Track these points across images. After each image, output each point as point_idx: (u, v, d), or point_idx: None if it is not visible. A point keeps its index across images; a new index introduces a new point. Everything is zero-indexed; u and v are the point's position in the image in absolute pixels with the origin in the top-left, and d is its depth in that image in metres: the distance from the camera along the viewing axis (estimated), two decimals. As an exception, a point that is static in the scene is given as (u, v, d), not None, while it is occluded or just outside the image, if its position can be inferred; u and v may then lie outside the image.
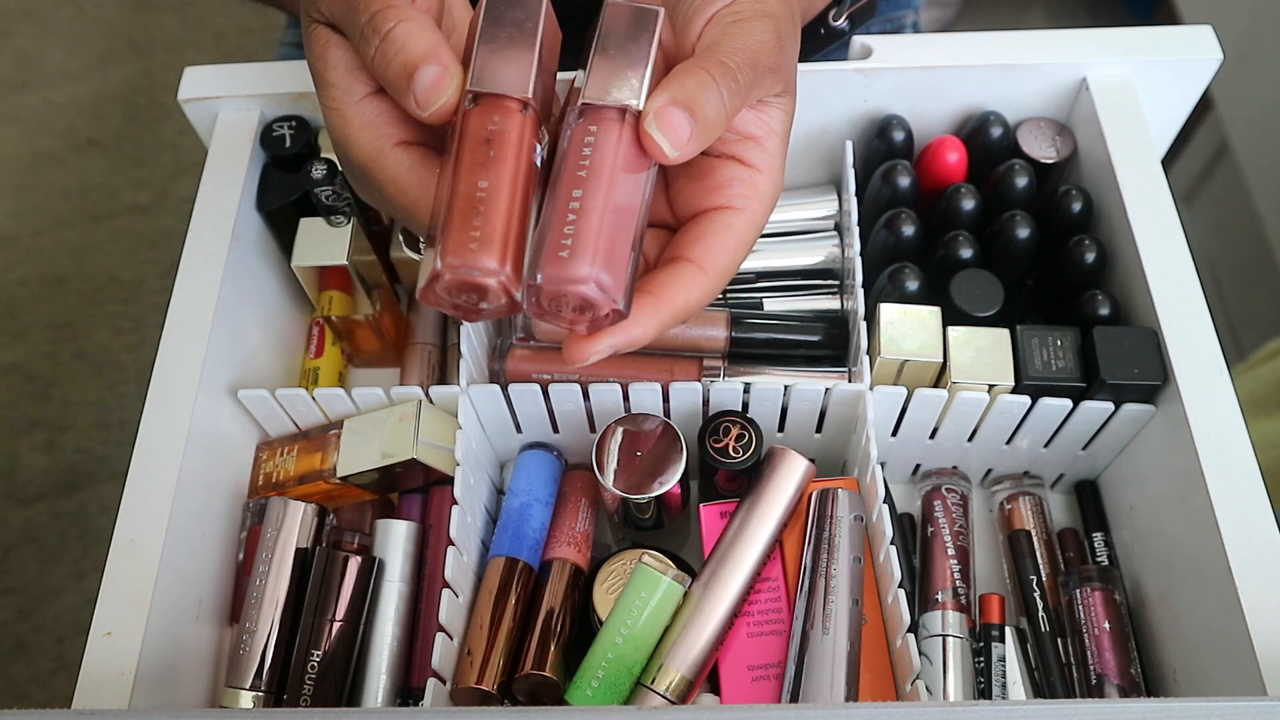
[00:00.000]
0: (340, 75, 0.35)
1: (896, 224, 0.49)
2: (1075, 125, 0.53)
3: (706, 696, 0.43)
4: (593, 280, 0.31)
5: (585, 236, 0.31)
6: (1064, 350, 0.46)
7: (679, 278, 0.34)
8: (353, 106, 0.35)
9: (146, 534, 0.43)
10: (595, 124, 0.32)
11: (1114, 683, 0.44)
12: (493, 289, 0.31)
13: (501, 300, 0.32)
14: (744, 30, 0.34)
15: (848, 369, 0.50)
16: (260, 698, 0.43)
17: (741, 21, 0.34)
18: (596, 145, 0.32)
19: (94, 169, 1.49)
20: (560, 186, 0.32)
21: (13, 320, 1.36)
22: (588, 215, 0.31)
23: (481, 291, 0.32)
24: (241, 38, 1.62)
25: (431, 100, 0.32)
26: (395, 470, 0.47)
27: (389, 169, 0.34)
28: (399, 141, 0.35)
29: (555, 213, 0.32)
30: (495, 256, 0.31)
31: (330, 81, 0.35)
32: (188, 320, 0.47)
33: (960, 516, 0.49)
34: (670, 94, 0.32)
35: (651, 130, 0.32)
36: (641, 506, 0.45)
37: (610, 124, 0.32)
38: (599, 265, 0.31)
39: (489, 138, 0.32)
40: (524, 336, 0.52)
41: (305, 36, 0.36)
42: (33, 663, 1.14)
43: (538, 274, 0.31)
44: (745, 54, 0.34)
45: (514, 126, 0.33)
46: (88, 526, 1.22)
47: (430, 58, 0.32)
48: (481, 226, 0.31)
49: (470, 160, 0.32)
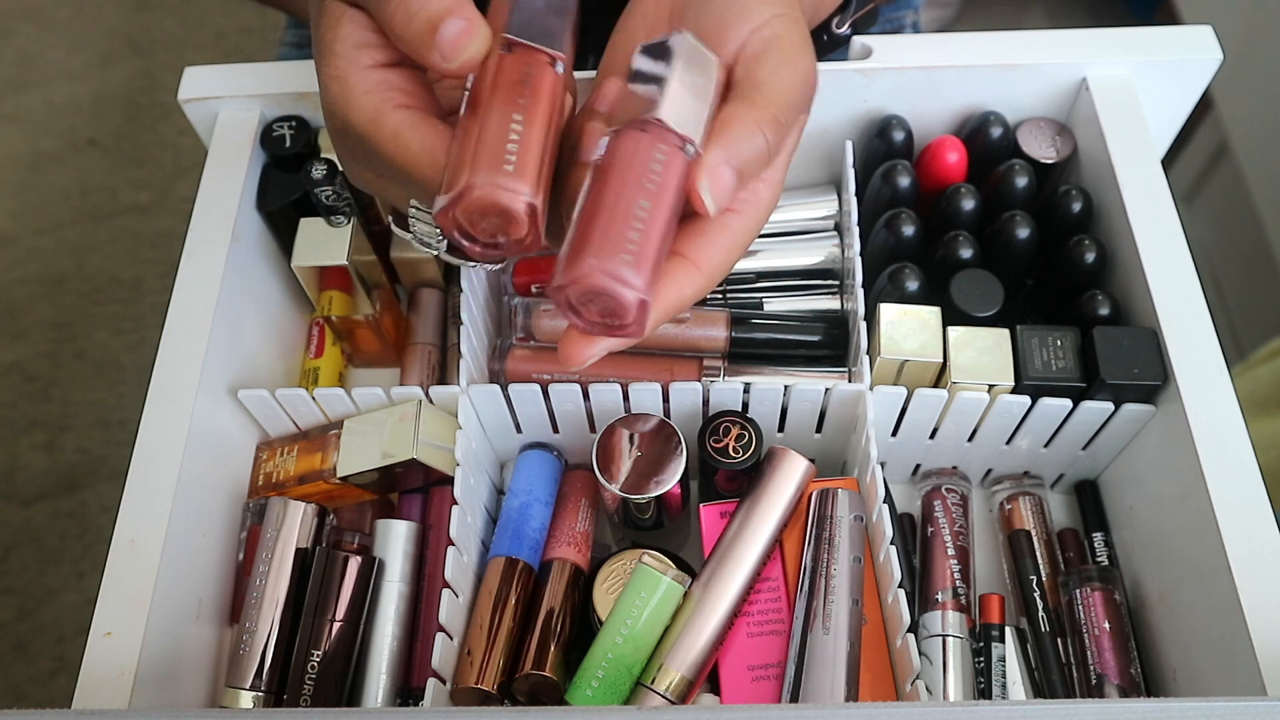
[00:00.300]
0: (347, 48, 0.35)
1: (896, 224, 0.49)
2: (1075, 125, 0.53)
3: (706, 696, 0.43)
4: (643, 294, 0.30)
5: (648, 249, 0.31)
6: (1064, 350, 0.46)
7: (673, 274, 0.34)
8: (356, 74, 0.35)
9: (146, 534, 0.43)
10: (666, 145, 0.32)
11: (1114, 683, 0.44)
12: (519, 215, 0.31)
13: (523, 231, 0.31)
14: (791, 66, 0.34)
15: (848, 369, 0.50)
16: (260, 698, 0.43)
17: (789, 54, 0.34)
18: (666, 166, 0.32)
19: (94, 169, 1.49)
20: (625, 190, 0.31)
21: (13, 320, 1.36)
22: (652, 229, 0.31)
23: (506, 217, 0.31)
24: (241, 38, 1.62)
25: (459, 51, 0.32)
26: (395, 470, 0.47)
27: (390, 126, 0.34)
28: (401, 104, 0.35)
29: (619, 212, 0.31)
30: (529, 182, 0.30)
31: (336, 51, 0.35)
32: (188, 320, 0.47)
33: (960, 516, 0.49)
34: (725, 155, 0.32)
35: (703, 189, 0.32)
36: (641, 506, 0.45)
37: (675, 151, 0.32)
38: (648, 280, 0.31)
39: (524, 80, 0.32)
40: (524, 336, 0.52)
41: (315, 10, 0.36)
42: (33, 663, 1.14)
43: (590, 262, 0.30)
44: (792, 95, 0.34)
45: (547, 77, 0.33)
46: (88, 526, 1.22)
47: (455, 10, 0.32)
48: (518, 151, 0.31)
49: (505, 99, 0.32)
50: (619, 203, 0.31)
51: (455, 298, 0.57)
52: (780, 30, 0.35)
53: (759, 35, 0.35)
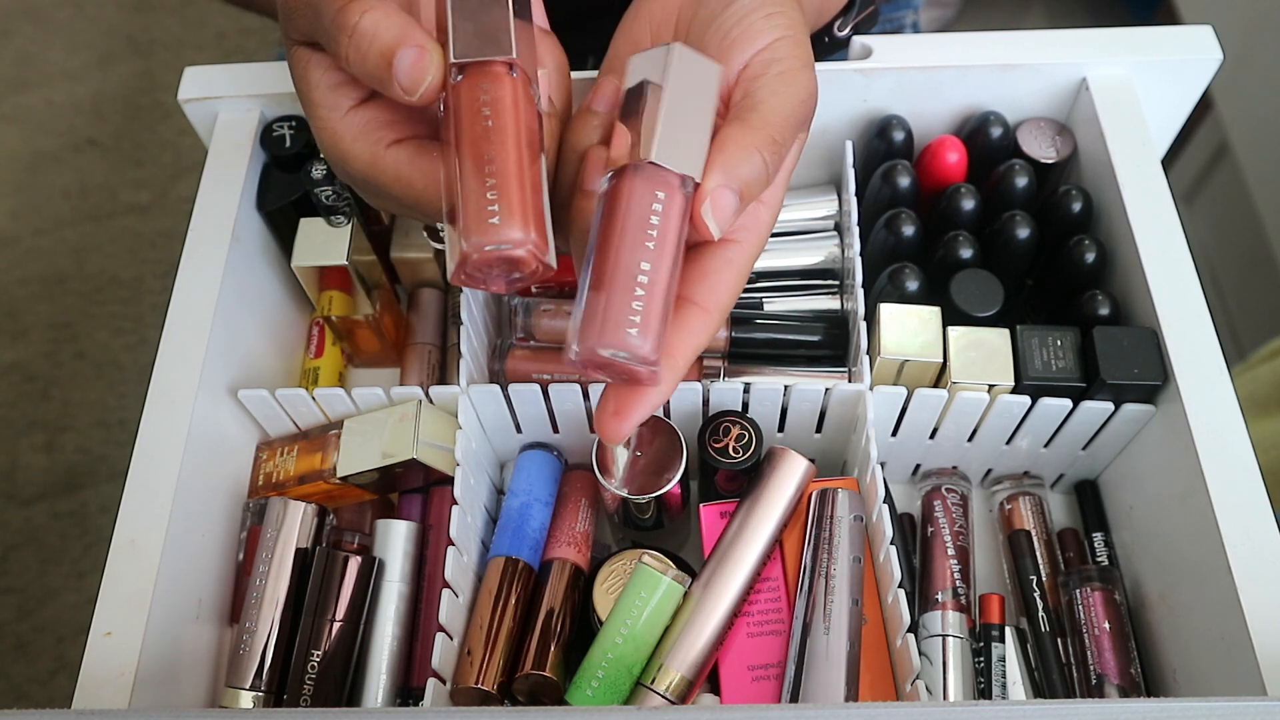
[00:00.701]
0: (323, 94, 0.35)
1: (896, 224, 0.49)
2: (1075, 125, 0.53)
3: (706, 696, 0.43)
4: (655, 359, 0.31)
5: (652, 314, 0.31)
6: (1064, 350, 0.46)
7: (687, 327, 0.34)
8: (340, 122, 0.35)
9: (146, 534, 0.42)
10: (664, 191, 0.32)
11: (1114, 683, 0.44)
12: (523, 259, 0.31)
13: (533, 267, 0.31)
14: (789, 86, 0.34)
15: (848, 369, 0.50)
16: (260, 698, 0.43)
17: (787, 75, 0.34)
18: (664, 215, 0.31)
19: (94, 169, 1.49)
20: (622, 249, 0.31)
21: (13, 320, 1.36)
22: (655, 289, 0.31)
23: (512, 264, 0.31)
24: (241, 38, 1.62)
25: (416, 82, 0.32)
26: (395, 470, 0.47)
27: (389, 169, 0.34)
28: (391, 142, 0.35)
29: (618, 280, 0.31)
30: (518, 226, 0.31)
31: (315, 101, 0.35)
32: (188, 320, 0.47)
33: (960, 516, 0.49)
34: (725, 178, 0.32)
35: (706, 216, 0.32)
36: (641, 506, 0.45)
37: (675, 192, 0.32)
38: (657, 342, 0.31)
39: (483, 106, 0.32)
40: (524, 336, 0.52)
41: (288, 60, 0.36)
42: (33, 663, 1.14)
43: (599, 342, 0.30)
44: (789, 115, 0.34)
45: (506, 90, 0.32)
46: (88, 526, 1.22)
47: (405, 40, 0.32)
48: (498, 199, 0.31)
49: (470, 134, 0.32)
50: (619, 265, 0.31)
51: (455, 298, 0.57)
52: (783, 53, 0.34)
53: (761, 58, 0.34)
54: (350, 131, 0.35)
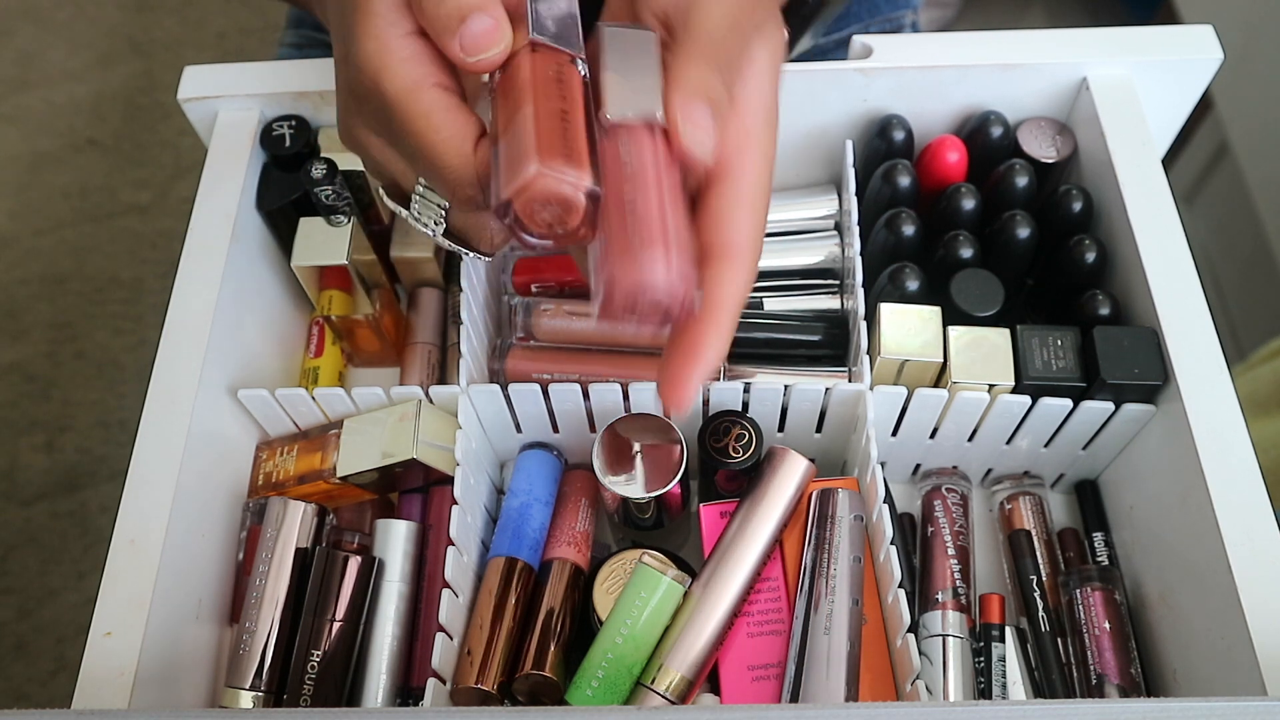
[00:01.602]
0: (388, 7, 0.33)
1: (896, 224, 0.49)
2: (1075, 125, 0.53)
3: (706, 696, 0.43)
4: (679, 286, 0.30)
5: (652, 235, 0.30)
6: (1064, 350, 0.46)
7: (717, 276, 0.33)
8: (397, 39, 0.33)
9: (146, 534, 0.43)
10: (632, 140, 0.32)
11: (1114, 683, 0.44)
12: (579, 203, 0.30)
13: (579, 220, 0.31)
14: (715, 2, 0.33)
15: (848, 369, 0.50)
16: (260, 698, 0.43)
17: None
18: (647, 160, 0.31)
19: (94, 169, 1.49)
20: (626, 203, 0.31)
21: (13, 320, 1.36)
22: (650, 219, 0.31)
23: (565, 206, 0.31)
24: (241, 38, 1.62)
25: (479, 48, 0.32)
26: (395, 470, 0.47)
27: (425, 103, 0.33)
28: (438, 82, 0.34)
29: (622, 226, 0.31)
30: (588, 172, 0.30)
31: (376, 11, 0.33)
32: (188, 320, 0.47)
33: (960, 516, 0.49)
34: (684, 94, 0.32)
35: (685, 134, 0.31)
36: (641, 506, 0.45)
37: (643, 137, 0.32)
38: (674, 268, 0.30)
39: (558, 77, 0.32)
40: (524, 336, 0.52)
41: None
42: (33, 663, 1.14)
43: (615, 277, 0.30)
44: (721, 18, 0.33)
45: (575, 76, 0.33)
46: (88, 526, 1.22)
47: (486, 7, 0.32)
48: (572, 143, 0.31)
49: (546, 90, 0.32)
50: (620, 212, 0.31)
51: (455, 297, 0.57)
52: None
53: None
54: (401, 50, 0.33)
